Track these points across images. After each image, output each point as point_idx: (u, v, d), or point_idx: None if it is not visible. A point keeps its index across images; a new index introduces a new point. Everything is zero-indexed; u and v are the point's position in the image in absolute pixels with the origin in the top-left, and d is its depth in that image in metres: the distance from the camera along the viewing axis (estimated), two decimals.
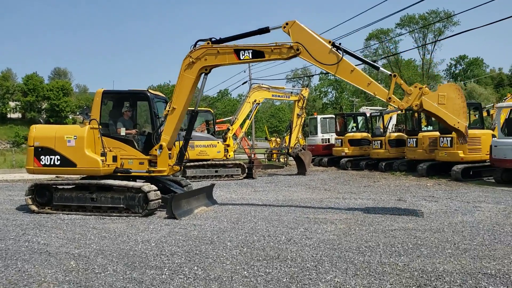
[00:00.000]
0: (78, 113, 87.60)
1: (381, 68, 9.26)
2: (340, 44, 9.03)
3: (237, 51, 9.31)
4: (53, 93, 76.03)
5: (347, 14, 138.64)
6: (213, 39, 9.46)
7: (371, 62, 9.43)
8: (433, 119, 19.91)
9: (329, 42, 9.03)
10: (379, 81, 74.65)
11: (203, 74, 9.66)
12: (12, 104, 78.46)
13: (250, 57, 9.28)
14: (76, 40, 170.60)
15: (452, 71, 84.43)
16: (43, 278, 5.32)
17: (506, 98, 19.69)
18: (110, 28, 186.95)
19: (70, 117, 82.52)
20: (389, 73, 9.21)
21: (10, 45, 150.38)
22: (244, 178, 17.42)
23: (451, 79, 79.69)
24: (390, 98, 8.89)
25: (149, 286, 5.02)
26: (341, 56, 8.91)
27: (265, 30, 9.30)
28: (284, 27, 9.10)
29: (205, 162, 17.12)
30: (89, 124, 9.62)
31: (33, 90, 75.74)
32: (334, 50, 8.94)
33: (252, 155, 24.18)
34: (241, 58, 9.30)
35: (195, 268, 5.63)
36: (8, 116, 78.41)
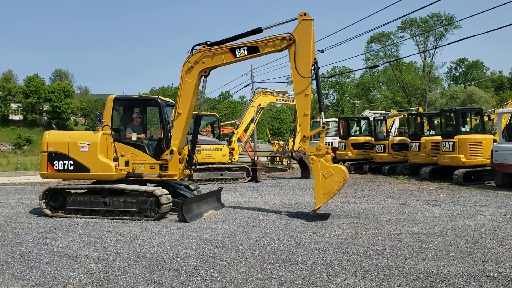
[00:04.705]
0: (79, 115, 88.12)
1: (322, 121, 9.56)
2: (319, 68, 9.39)
3: (232, 50, 9.64)
4: (54, 95, 76.37)
5: (348, 15, 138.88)
6: (208, 42, 9.80)
7: (322, 101, 9.80)
8: (435, 123, 20.24)
9: (314, 59, 9.29)
10: (381, 83, 74.36)
11: (203, 76, 10.02)
12: (13, 106, 78.80)
13: (246, 53, 9.59)
14: (77, 42, 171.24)
15: (452, 74, 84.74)
16: (67, 280, 5.58)
17: (507, 104, 19.92)
18: (112, 30, 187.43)
19: (72, 119, 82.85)
20: (322, 124, 9.47)
21: (11, 47, 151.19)
22: (249, 181, 17.69)
23: (451, 82, 79.96)
24: (305, 136, 9.35)
25: (168, 287, 5.28)
26: (311, 76, 9.22)
27: (258, 31, 9.59)
28: (301, 15, 9.25)
29: (210, 166, 17.39)
30: (101, 130, 9.89)
31: (35, 92, 76.12)
32: (312, 69, 9.23)
33: (256, 158, 24.47)
34: (237, 56, 9.61)
35: (211, 270, 5.90)
36: (10, 118, 78.71)
